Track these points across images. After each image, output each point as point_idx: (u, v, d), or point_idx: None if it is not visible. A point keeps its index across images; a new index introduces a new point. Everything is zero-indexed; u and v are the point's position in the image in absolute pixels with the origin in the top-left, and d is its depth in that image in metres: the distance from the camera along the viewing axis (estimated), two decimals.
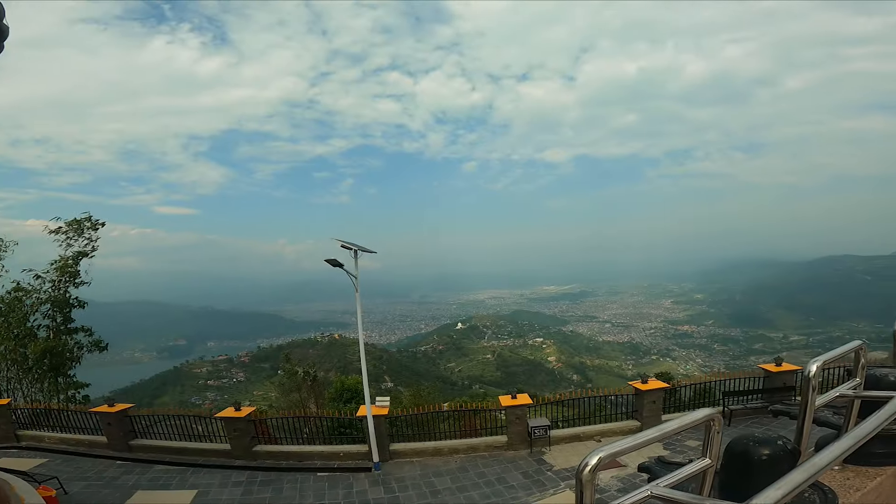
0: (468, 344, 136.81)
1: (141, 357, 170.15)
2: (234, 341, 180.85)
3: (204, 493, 11.15)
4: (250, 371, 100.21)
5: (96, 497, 10.98)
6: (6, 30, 7.72)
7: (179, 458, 13.21)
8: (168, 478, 12.17)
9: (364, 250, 12.35)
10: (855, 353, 2.39)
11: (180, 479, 12.01)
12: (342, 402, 21.96)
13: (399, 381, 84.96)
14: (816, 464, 1.33)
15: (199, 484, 11.69)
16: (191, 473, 12.37)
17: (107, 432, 14.02)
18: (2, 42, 7.93)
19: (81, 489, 11.40)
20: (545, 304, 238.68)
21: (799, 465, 1.34)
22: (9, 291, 21.35)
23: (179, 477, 12.14)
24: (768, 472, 1.53)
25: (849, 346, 2.34)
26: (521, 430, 13.07)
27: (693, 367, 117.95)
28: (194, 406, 77.37)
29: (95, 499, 10.89)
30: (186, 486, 11.54)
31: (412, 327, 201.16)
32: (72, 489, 11.23)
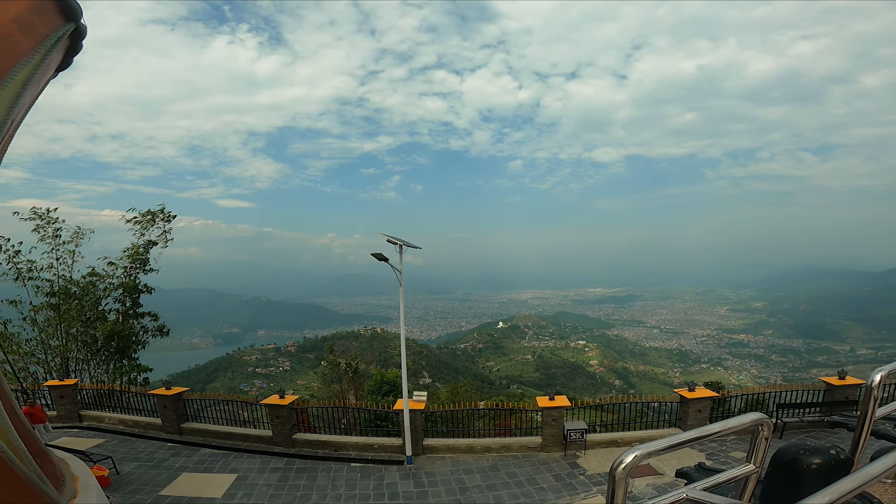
0: (508, 343, 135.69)
1: (198, 343, 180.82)
2: (282, 331, 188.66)
3: (243, 478, 11.57)
4: (295, 360, 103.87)
5: (145, 477, 11.55)
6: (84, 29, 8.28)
7: (224, 443, 13.80)
8: (213, 461, 12.61)
9: (409, 245, 12.42)
10: None
11: (223, 462, 12.50)
12: (380, 394, 22.25)
13: (437, 378, 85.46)
14: (868, 473, 1.15)
15: (240, 468, 12.14)
16: (233, 458, 12.86)
17: (162, 414, 14.76)
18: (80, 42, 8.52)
19: (133, 469, 12.05)
20: (590, 307, 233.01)
21: (849, 475, 1.12)
22: (84, 276, 22.95)
23: (223, 461, 12.65)
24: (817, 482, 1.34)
25: None
26: (557, 433, 12.75)
27: (747, 378, 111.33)
28: (242, 392, 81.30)
29: (144, 479, 11.46)
30: (228, 470, 12.01)
31: (453, 324, 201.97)
32: (124, 469, 11.93)
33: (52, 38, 7.59)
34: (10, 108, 7.14)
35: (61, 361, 21.66)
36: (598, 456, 12.31)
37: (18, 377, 19.58)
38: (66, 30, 7.85)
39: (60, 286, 22.08)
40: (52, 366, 21.56)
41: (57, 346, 21.70)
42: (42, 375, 21.11)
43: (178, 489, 10.95)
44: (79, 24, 8.19)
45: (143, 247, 23.46)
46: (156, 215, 23.92)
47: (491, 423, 14.26)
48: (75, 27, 8.02)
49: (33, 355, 21.57)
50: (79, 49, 9.04)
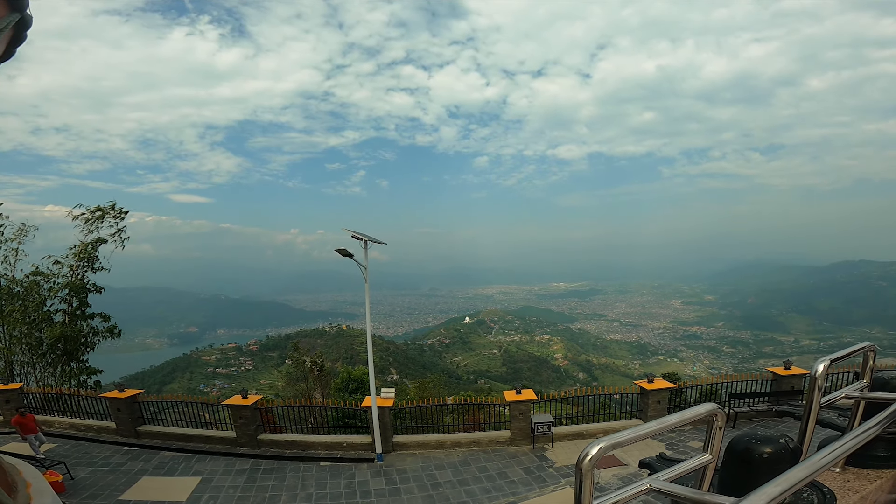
0: (475, 338, 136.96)
1: (153, 343, 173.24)
2: (243, 330, 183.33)
3: (207, 480, 11.24)
4: (258, 360, 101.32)
5: (102, 482, 11.07)
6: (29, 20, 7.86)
7: (185, 445, 13.35)
8: (174, 464, 12.26)
9: (374, 241, 12.30)
10: (864, 356, 2.30)
11: (185, 465, 12.12)
12: (347, 392, 22.09)
13: (405, 374, 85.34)
14: (816, 462, 1.27)
15: (204, 470, 11.79)
16: (196, 460, 12.48)
17: (116, 418, 14.15)
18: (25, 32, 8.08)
19: (88, 474, 11.52)
20: (554, 301, 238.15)
21: (799, 464, 1.28)
22: (27, 275, 21.62)
23: (185, 463, 12.26)
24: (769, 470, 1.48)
25: (857, 347, 2.26)
26: (525, 426, 13.04)
27: (701, 369, 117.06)
28: (202, 393, 78.57)
29: (101, 484, 10.98)
30: (191, 473, 11.65)
31: (420, 320, 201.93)
32: (78, 474, 11.38)
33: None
34: None
35: (5, 365, 20.38)
36: (565, 448, 12.67)
37: None
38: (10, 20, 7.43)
39: (2, 286, 20.75)
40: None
41: (0, 349, 20.40)
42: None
43: (139, 493, 10.57)
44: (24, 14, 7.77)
45: (92, 244, 22.30)
46: (106, 212, 22.77)
47: (460, 418, 14.47)
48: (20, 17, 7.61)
49: None
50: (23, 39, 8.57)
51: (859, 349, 2.23)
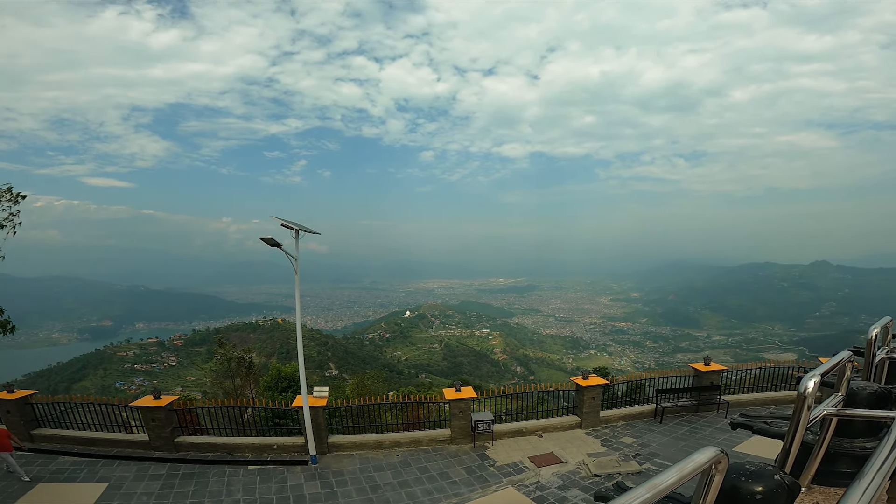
0: (416, 332, 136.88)
1: (59, 338, 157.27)
2: (166, 323, 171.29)
3: (116, 487, 10.10)
4: (183, 355, 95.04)
5: None
6: None
7: (89, 449, 11.93)
8: (75, 470, 10.99)
9: (306, 231, 11.57)
10: (841, 367, 2.24)
11: (89, 471, 10.83)
12: (278, 390, 21.01)
13: (344, 369, 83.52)
14: None
15: (111, 476, 10.60)
16: (101, 465, 11.19)
17: (6, 421, 12.37)
18: None
19: None
20: (493, 296, 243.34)
21: None
22: None
23: (88, 469, 10.97)
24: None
25: (837, 358, 2.18)
26: (465, 425, 12.90)
27: (627, 363, 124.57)
28: (119, 391, 72.40)
29: None
30: (96, 479, 10.45)
31: (359, 314, 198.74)
32: None
33: None
34: None
35: None
36: (505, 446, 12.61)
37: None
38: None
39: None
40: None
41: None
42: None
43: (35, 499, 9.46)
44: None
45: None
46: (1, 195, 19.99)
47: (400, 415, 14.05)
48: None
49: None
50: None
51: (840, 361, 2.16)
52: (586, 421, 13.75)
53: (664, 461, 11.16)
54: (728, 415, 14.07)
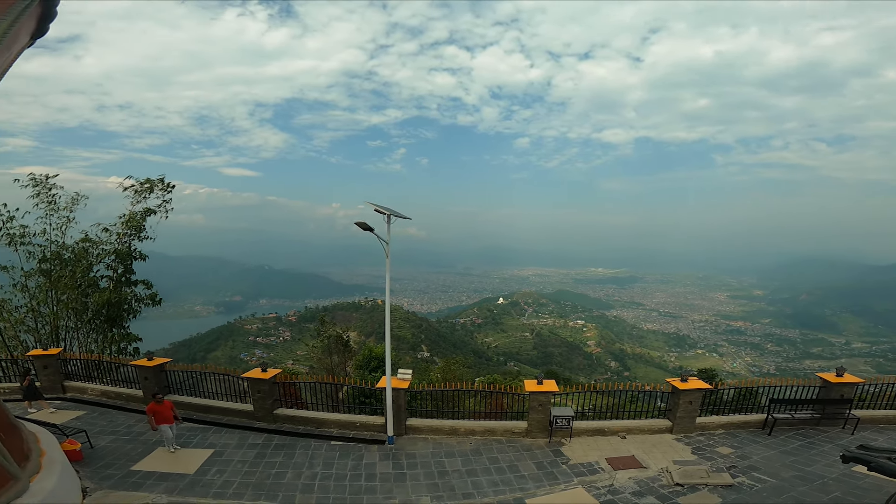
0: (508, 319, 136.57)
1: (200, 310, 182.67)
2: (284, 300, 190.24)
3: (219, 453, 11.36)
4: (296, 330, 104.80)
5: (119, 451, 11.35)
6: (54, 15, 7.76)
7: (205, 416, 13.56)
8: (191, 435, 12.29)
9: (397, 215, 11.84)
10: None
11: (202, 437, 12.28)
12: (368, 370, 22.08)
13: (436, 351, 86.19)
14: None
15: (218, 443, 11.92)
16: (212, 432, 12.64)
17: (143, 386, 14.43)
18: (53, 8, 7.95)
19: (108, 443, 11.80)
20: (591, 287, 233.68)
21: None
22: (77, 242, 22.60)
23: (201, 435, 12.40)
24: None
25: None
26: (543, 418, 12.57)
27: (741, 366, 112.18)
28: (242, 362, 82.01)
29: (118, 453, 11.26)
30: (205, 445, 11.81)
31: (454, 298, 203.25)
32: (99, 443, 11.69)
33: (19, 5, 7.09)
34: None
35: (52, 330, 21.51)
36: (582, 444, 12.15)
37: (8, 346, 19.49)
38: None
39: (52, 251, 21.78)
40: (42, 334, 21.43)
41: (48, 314, 21.53)
42: (32, 344, 20.94)
43: (150, 464, 10.74)
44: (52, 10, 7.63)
45: (141, 214, 23.01)
46: (154, 184, 23.42)
47: (483, 402, 13.94)
48: None
49: (23, 323, 21.38)
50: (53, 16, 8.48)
51: None
52: (679, 426, 12.69)
53: (764, 476, 10.03)
54: (856, 431, 12.10)
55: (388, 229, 11.89)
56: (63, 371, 15.74)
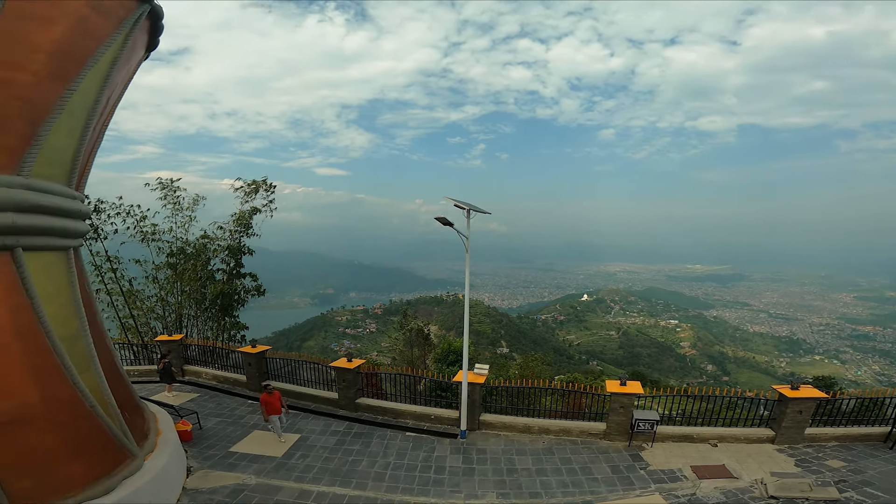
0: (592, 317, 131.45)
1: (298, 302, 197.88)
2: (371, 293, 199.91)
3: (304, 439, 12.26)
4: (381, 323, 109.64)
5: (222, 433, 12.54)
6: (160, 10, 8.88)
7: (296, 402, 14.64)
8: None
9: (476, 210, 11.97)
10: None
11: (291, 422, 13.20)
12: (446, 363, 22.57)
13: (515, 347, 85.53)
14: None
15: (304, 429, 12.85)
16: (301, 418, 13.63)
17: (247, 372, 15.91)
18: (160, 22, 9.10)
19: (214, 425, 13.07)
20: (687, 284, 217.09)
21: None
22: (197, 238, 25.74)
23: (291, 420, 13.01)
24: None
25: None
26: (623, 421, 12.09)
27: (867, 375, 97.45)
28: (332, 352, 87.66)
29: (221, 435, 12.45)
30: (293, 430, 12.75)
31: (535, 294, 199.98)
32: (207, 424, 12.96)
33: (130, 19, 8.24)
34: (101, 87, 7.98)
35: (176, 317, 24.71)
36: (665, 450, 11.53)
37: (140, 332, 22.49)
38: (143, 10, 8.49)
39: (178, 247, 24.92)
40: (168, 321, 24.70)
41: (174, 303, 24.76)
42: (160, 330, 24.14)
43: (246, 446, 11.70)
44: (153, 4, 8.75)
45: (249, 213, 25.63)
46: (259, 185, 26.02)
47: (560, 401, 13.64)
48: (150, 8, 8.63)
49: (153, 311, 24.78)
50: (160, 29, 9.74)
51: None
52: (783, 436, 11.58)
53: (877, 492, 8.97)
54: None
55: (468, 224, 12.04)
56: (183, 356, 17.54)
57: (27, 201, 7.00)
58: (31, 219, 7.15)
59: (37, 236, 7.35)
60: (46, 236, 7.58)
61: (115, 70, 8.20)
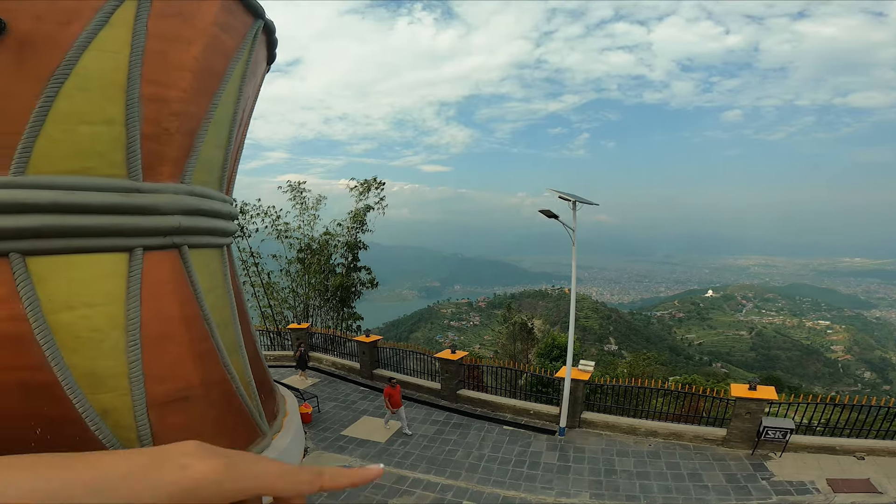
0: (718, 315, 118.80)
1: (407, 294, 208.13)
2: (475, 286, 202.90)
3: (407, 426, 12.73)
4: (485, 316, 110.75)
5: (336, 417, 13.57)
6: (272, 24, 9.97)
7: (403, 391, 14.79)
8: None
9: (583, 202, 11.72)
10: None
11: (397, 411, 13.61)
12: (549, 359, 22.42)
13: (625, 345, 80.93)
14: None
15: (407, 417, 13.13)
16: (405, 406, 13.83)
17: (360, 360, 17.12)
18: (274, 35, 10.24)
19: (330, 409, 14.18)
20: (842, 280, 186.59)
21: None
22: (321, 235, 28.71)
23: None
24: None
25: None
26: (749, 428, 11.04)
27: None
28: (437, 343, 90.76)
29: (335, 419, 13.46)
30: (397, 418, 13.19)
31: (649, 289, 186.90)
32: (324, 408, 14.08)
33: (249, 35, 9.33)
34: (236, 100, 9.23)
35: (304, 308, 27.83)
36: (796, 461, 10.31)
37: (276, 320, 25.52)
38: (259, 26, 9.56)
39: (305, 243, 28.06)
40: (297, 311, 27.91)
41: (302, 294, 27.93)
42: (291, 319, 27.36)
43: (355, 431, 12.58)
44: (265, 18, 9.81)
45: (363, 210, 27.99)
46: (370, 185, 28.28)
47: (674, 403, 12.87)
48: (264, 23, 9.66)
49: (286, 301, 28.18)
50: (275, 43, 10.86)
51: None
52: None
53: None
54: None
55: (574, 216, 11.81)
56: (309, 343, 19.31)
57: (191, 206, 7.96)
58: (194, 220, 8.12)
59: (198, 235, 8.35)
60: (206, 235, 8.60)
61: (245, 83, 9.00)
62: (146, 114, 7.10)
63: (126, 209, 7.14)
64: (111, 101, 6.81)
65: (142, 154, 7.16)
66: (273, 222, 27.71)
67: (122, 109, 6.89)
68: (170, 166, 7.66)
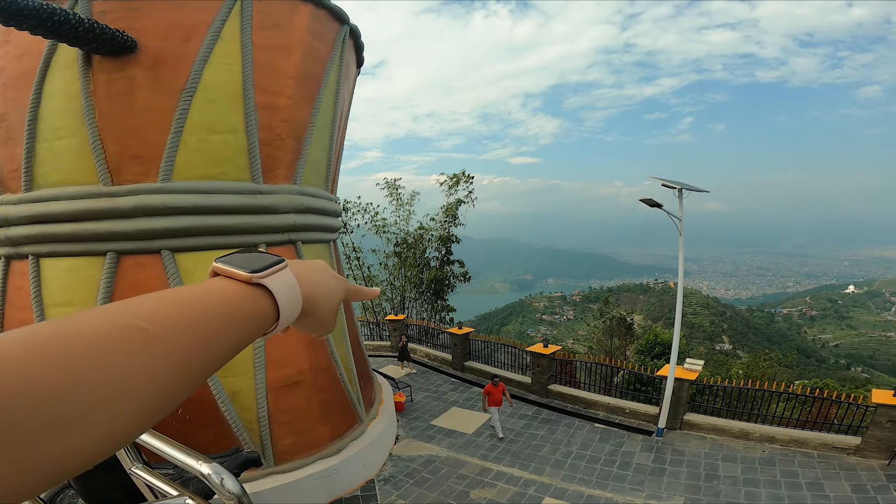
0: (859, 313, 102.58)
1: (498, 287, 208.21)
2: (569, 279, 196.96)
3: None
4: (579, 310, 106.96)
5: (427, 407, 13.73)
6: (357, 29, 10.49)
7: None
8: (478, 400, 13.36)
9: (690, 189, 11.00)
10: None
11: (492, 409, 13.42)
12: (650, 356, 21.35)
13: (740, 345, 73.19)
14: None
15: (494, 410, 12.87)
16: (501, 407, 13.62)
17: (452, 352, 17.31)
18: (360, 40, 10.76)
19: (422, 398, 14.40)
20: None
21: None
22: (416, 229, 30.00)
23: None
24: None
25: None
26: (889, 438, 9.58)
27: None
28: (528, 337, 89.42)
29: (426, 409, 13.64)
30: (486, 410, 13.03)
31: (774, 283, 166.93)
32: (416, 398, 14.34)
33: (338, 40, 9.95)
34: (335, 104, 10.04)
35: (400, 300, 29.31)
36: None
37: (375, 312, 27.13)
38: (345, 31, 10.14)
39: (401, 238, 29.51)
40: (394, 303, 29.46)
41: (399, 287, 29.40)
42: (388, 310, 28.89)
43: (444, 421, 12.72)
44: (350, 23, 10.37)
45: (455, 204, 28.79)
46: (459, 178, 28.98)
47: (799, 409, 11.57)
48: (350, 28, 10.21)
49: (384, 294, 29.87)
50: (362, 46, 11.40)
51: None
52: None
53: None
54: None
55: (681, 205, 11.09)
56: (405, 334, 19.77)
57: (302, 204, 8.64)
58: (306, 218, 8.80)
59: (309, 232, 9.05)
60: (316, 231, 9.30)
61: (340, 87, 9.59)
62: (261, 121, 7.83)
63: (252, 209, 8.00)
64: (233, 111, 7.60)
65: (261, 158, 7.97)
66: (372, 218, 29.39)
67: (242, 118, 7.66)
68: (284, 169, 8.40)
